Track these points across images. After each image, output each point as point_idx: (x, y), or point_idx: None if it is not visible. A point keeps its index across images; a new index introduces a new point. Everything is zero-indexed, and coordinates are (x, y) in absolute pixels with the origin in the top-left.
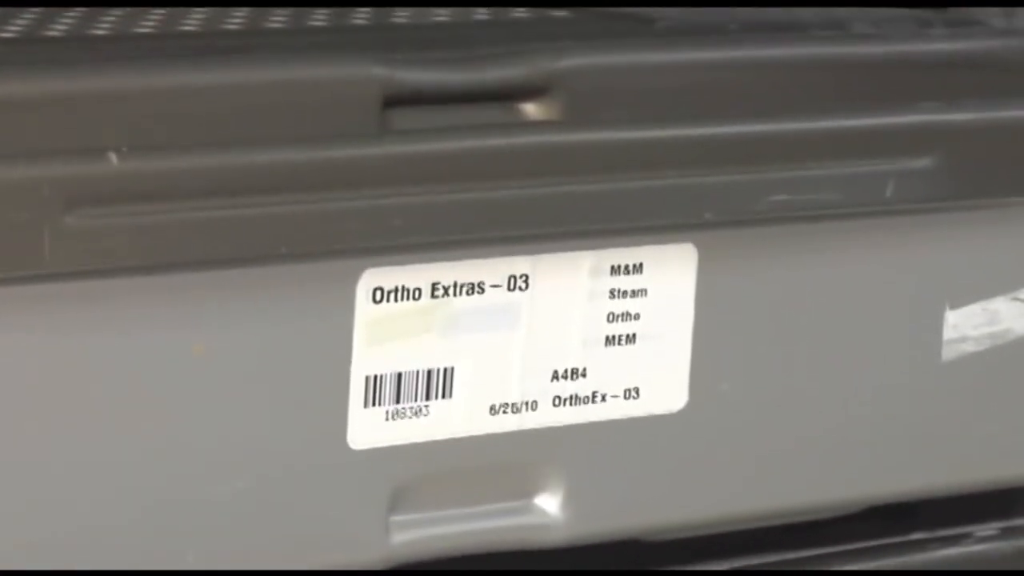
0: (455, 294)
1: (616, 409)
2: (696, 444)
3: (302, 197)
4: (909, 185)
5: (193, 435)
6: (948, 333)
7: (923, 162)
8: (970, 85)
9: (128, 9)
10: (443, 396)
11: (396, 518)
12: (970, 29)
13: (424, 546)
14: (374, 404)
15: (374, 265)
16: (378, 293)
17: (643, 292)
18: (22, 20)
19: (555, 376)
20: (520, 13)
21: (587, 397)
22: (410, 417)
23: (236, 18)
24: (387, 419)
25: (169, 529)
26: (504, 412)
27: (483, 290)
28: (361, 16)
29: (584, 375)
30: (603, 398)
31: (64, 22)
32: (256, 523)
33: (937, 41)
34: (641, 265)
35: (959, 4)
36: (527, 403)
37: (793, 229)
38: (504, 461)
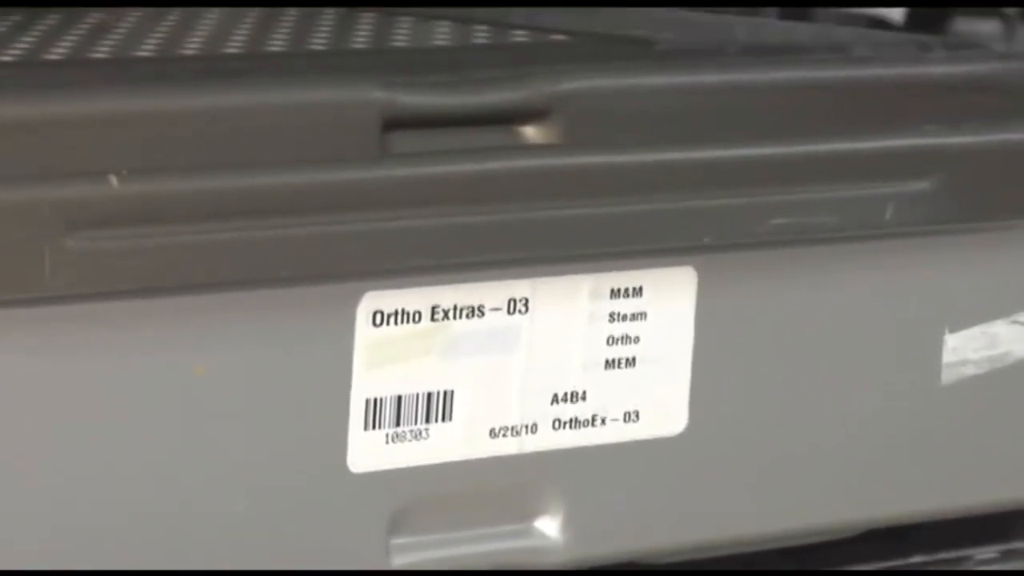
0: (455, 317)
1: (616, 432)
2: (696, 467)
3: (302, 220)
4: (909, 208)
5: (193, 456)
6: (948, 356)
7: (923, 185)
8: (970, 108)
9: (128, 32)
10: (443, 419)
11: (396, 541)
12: (970, 52)
13: (425, 568)
14: (374, 427)
15: (374, 288)
16: (378, 316)
17: (643, 315)
18: (22, 44)
19: (555, 399)
20: (519, 37)
21: (587, 420)
22: (410, 440)
23: (236, 41)
24: (387, 442)
25: (168, 551)
26: (504, 435)
27: (483, 313)
28: (360, 39)
29: (584, 398)
30: (603, 421)
31: (64, 45)
32: (256, 545)
33: (937, 64)
34: (641, 288)
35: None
36: (527, 426)
37: (793, 252)
38: (504, 484)
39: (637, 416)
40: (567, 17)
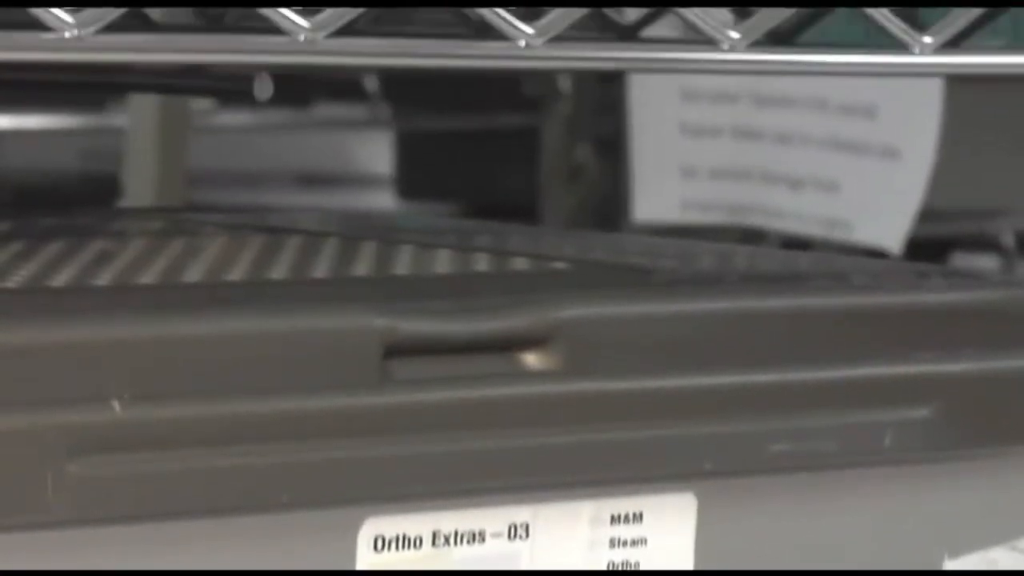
0: (456, 543)
1: None
2: None
3: (303, 447)
4: (908, 435)
5: None
6: None
7: (922, 412)
8: (968, 335)
9: (130, 260)
10: None
11: None
12: (967, 280)
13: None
14: None
15: (375, 514)
16: (379, 541)
17: (643, 541)
18: (25, 270)
19: None
20: (520, 265)
21: None
22: None
23: (237, 269)
24: None
25: None
26: None
27: (484, 539)
28: (362, 267)
29: None
30: None
31: (66, 272)
32: None
33: (935, 292)
34: (641, 514)
35: None
36: None
37: (792, 478)
38: None
39: None
40: (567, 244)
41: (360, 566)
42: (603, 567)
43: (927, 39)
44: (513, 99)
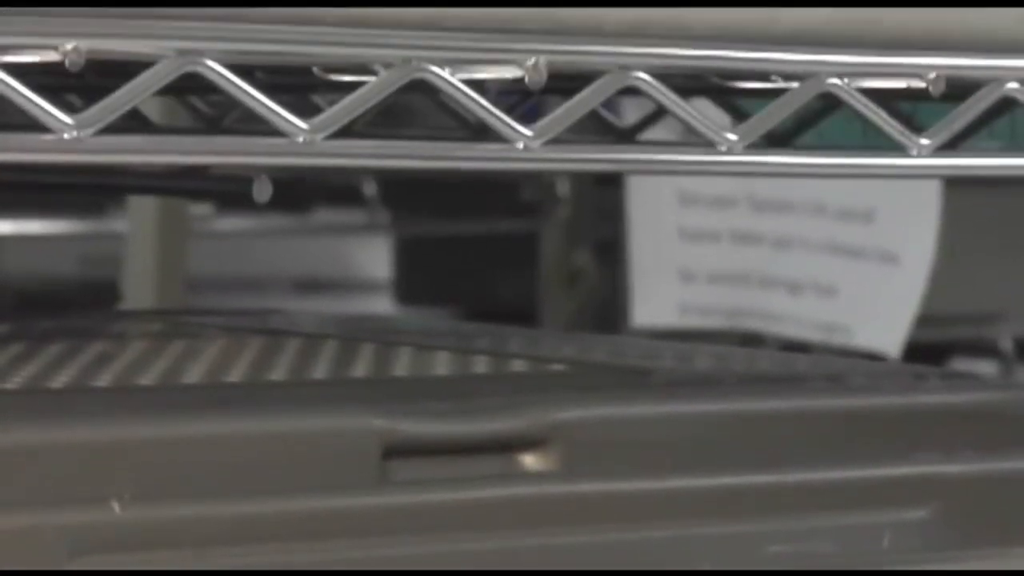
0: None
1: None
2: None
3: (304, 547)
4: (906, 536)
5: None
6: None
7: (920, 513)
8: (966, 437)
9: (130, 361)
10: None
11: None
12: (965, 382)
13: None
14: None
15: None
16: None
17: None
18: (25, 372)
19: None
20: (519, 367)
21: None
22: None
23: (236, 370)
24: None
25: None
26: None
27: None
28: (361, 368)
29: None
30: None
31: (66, 374)
32: None
33: (932, 393)
34: None
35: None
36: None
37: None
38: None
39: None
40: (565, 346)
41: None
42: None
43: (924, 141)
44: (512, 204)
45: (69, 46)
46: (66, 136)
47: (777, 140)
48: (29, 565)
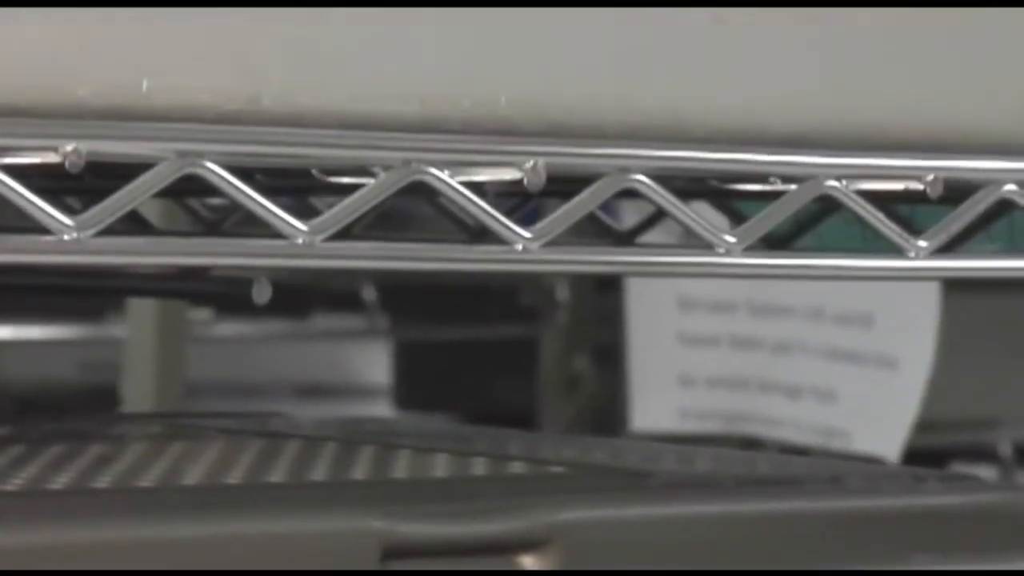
0: None
1: None
2: None
3: None
4: None
5: None
6: None
7: None
8: (965, 539)
9: (130, 463)
10: None
11: None
12: (964, 484)
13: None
14: None
15: None
16: None
17: None
18: (24, 473)
19: None
20: (518, 469)
21: None
22: None
23: (236, 472)
24: None
25: None
26: None
27: None
28: (360, 471)
29: None
30: None
31: (66, 475)
32: None
33: (931, 495)
34: None
35: None
36: None
37: None
38: None
39: None
40: (564, 448)
41: None
42: None
43: (922, 243)
44: (511, 309)
45: (69, 147)
46: (66, 237)
47: (776, 243)
48: None
